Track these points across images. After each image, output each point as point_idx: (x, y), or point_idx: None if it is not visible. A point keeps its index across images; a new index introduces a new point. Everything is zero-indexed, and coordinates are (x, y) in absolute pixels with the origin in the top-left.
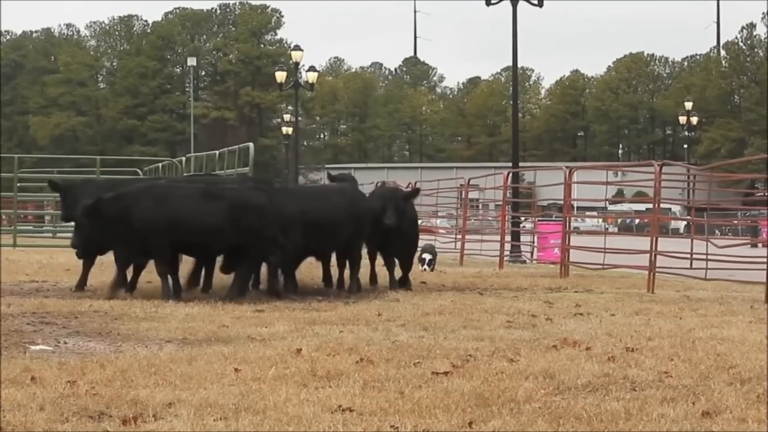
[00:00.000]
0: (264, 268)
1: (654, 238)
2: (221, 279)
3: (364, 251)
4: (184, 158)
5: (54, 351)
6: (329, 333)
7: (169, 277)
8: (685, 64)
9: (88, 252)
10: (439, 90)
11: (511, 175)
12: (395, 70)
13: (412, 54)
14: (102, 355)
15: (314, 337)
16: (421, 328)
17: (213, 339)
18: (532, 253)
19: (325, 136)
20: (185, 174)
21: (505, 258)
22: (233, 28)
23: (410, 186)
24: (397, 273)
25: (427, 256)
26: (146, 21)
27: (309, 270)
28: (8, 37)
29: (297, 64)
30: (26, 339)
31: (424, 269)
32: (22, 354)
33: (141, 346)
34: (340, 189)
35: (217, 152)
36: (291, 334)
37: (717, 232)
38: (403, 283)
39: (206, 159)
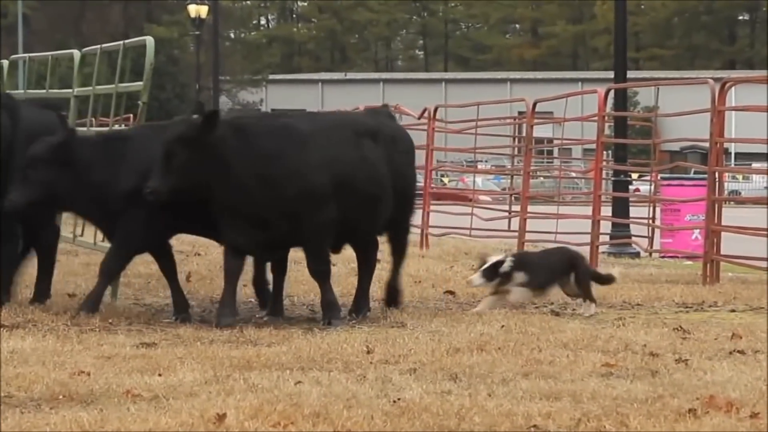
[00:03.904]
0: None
1: None
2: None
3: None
4: (5, 62)
5: None
6: (278, 384)
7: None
8: None
9: None
10: None
11: (612, 94)
12: None
13: None
14: None
15: (249, 392)
16: (445, 377)
17: (61, 397)
18: (651, 238)
19: (269, 22)
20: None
21: (602, 248)
22: None
23: (425, 115)
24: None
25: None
26: None
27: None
28: None
29: None
30: None
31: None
32: None
33: None
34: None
35: (75, 53)
36: (207, 388)
37: None
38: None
39: (52, 64)
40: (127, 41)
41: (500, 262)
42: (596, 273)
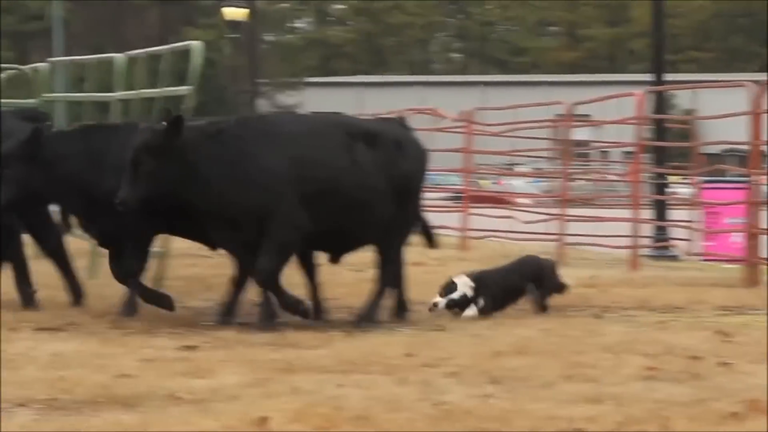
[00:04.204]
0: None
1: None
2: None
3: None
4: (44, 65)
5: None
6: (319, 388)
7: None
8: None
9: None
10: None
11: (651, 97)
12: None
13: None
14: None
15: (292, 395)
16: (487, 380)
17: (104, 400)
18: (691, 241)
19: (305, 25)
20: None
21: (642, 251)
22: None
23: (462, 118)
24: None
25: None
26: None
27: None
28: None
29: None
30: None
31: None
32: None
33: None
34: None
35: (119, 57)
36: (249, 391)
37: None
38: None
39: (91, 68)
40: (174, 45)
41: (465, 296)
42: (558, 283)
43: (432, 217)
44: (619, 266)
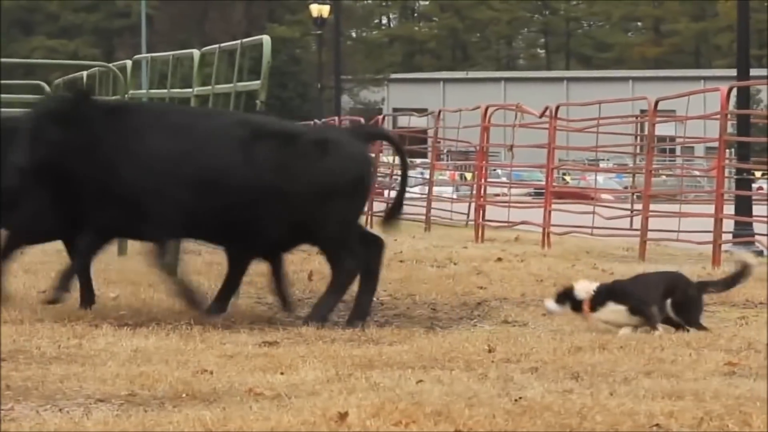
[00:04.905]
0: None
1: None
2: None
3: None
4: (129, 62)
5: None
6: (399, 383)
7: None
8: None
9: None
10: None
11: (735, 92)
12: None
13: None
14: None
15: (371, 390)
16: (567, 375)
17: (184, 395)
18: None
19: (390, 21)
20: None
21: (725, 246)
22: None
23: (546, 114)
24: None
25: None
26: None
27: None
28: None
29: None
30: None
31: None
32: None
33: (51, 409)
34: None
35: (195, 52)
36: (328, 386)
37: None
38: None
39: (173, 64)
40: (245, 40)
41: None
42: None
43: (515, 213)
44: (702, 262)
